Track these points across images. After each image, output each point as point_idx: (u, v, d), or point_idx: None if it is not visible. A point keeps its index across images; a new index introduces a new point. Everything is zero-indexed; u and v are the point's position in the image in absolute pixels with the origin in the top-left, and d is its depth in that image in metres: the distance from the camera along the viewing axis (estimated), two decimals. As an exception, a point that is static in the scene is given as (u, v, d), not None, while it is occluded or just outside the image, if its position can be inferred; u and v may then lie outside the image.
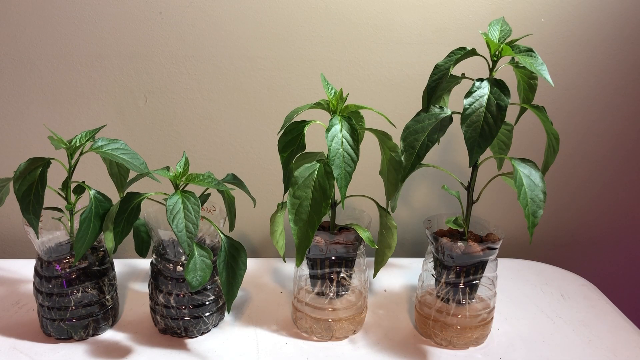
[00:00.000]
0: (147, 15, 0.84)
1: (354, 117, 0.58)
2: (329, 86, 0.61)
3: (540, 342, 0.70)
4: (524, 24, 0.86)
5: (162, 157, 0.92)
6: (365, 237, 0.65)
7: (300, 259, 0.54)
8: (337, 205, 0.67)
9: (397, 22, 0.86)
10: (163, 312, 0.67)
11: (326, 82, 0.61)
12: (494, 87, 0.55)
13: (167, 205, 0.57)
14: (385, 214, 0.67)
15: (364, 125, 0.63)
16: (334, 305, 0.69)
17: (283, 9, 0.84)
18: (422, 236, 0.99)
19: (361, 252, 0.69)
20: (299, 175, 0.54)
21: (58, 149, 0.62)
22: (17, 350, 0.66)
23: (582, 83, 0.91)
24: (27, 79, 0.86)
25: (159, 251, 0.67)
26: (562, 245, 1.03)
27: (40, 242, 0.65)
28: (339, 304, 0.69)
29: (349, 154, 0.55)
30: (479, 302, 0.68)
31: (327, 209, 0.53)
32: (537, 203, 0.56)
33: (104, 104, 0.88)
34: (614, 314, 0.77)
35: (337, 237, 0.66)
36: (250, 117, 0.90)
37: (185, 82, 0.88)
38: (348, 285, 0.70)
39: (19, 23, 0.83)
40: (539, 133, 0.68)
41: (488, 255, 0.64)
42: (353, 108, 0.60)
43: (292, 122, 0.59)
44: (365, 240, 0.65)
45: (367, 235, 0.65)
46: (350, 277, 0.69)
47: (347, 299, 0.70)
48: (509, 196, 0.97)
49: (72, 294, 0.66)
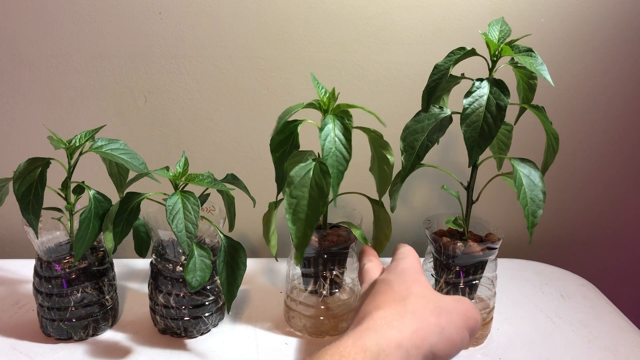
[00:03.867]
0: (147, 15, 0.84)
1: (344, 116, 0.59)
2: (319, 85, 0.61)
3: (540, 342, 0.70)
4: (524, 24, 0.86)
5: (161, 157, 0.92)
6: (357, 234, 0.65)
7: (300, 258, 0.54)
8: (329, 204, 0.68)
9: (397, 22, 0.86)
10: (163, 312, 0.67)
11: (317, 81, 0.61)
12: (494, 87, 0.55)
13: (167, 206, 0.57)
14: (378, 207, 0.67)
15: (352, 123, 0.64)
16: (327, 304, 0.69)
17: (283, 9, 0.84)
18: (422, 236, 0.99)
19: (353, 250, 0.70)
20: (294, 175, 0.54)
21: (57, 149, 0.62)
22: (17, 350, 0.66)
23: (582, 83, 0.91)
24: (27, 79, 0.86)
25: (159, 251, 0.67)
26: (562, 245, 1.03)
27: (39, 242, 0.65)
28: (332, 302, 0.69)
29: (341, 152, 0.55)
30: (478, 302, 0.68)
31: (324, 207, 0.53)
32: (537, 203, 0.56)
33: (104, 104, 0.88)
34: (613, 314, 0.77)
35: (330, 236, 0.66)
36: (250, 117, 0.90)
37: (185, 82, 0.88)
38: (341, 283, 0.70)
39: (19, 23, 0.83)
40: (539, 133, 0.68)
41: (488, 255, 0.64)
42: (344, 107, 0.60)
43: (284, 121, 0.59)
44: (358, 237, 0.65)
45: (360, 233, 0.66)
46: (342, 275, 0.69)
47: (339, 297, 0.70)
48: (509, 196, 0.97)
49: (72, 294, 0.66)
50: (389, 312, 0.43)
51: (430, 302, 0.45)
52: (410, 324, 0.42)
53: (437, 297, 0.46)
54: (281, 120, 0.58)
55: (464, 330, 0.44)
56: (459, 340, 0.43)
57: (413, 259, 0.53)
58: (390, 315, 0.43)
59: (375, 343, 0.40)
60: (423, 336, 0.41)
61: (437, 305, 0.44)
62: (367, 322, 0.43)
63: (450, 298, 0.46)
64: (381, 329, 0.41)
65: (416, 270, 0.51)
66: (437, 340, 0.42)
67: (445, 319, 0.43)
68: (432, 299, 0.45)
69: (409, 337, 0.41)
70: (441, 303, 0.45)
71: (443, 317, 0.43)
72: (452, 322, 0.43)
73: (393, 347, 0.40)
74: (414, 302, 0.44)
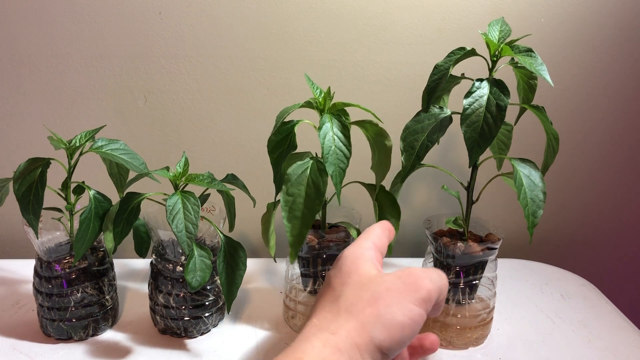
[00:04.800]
0: (147, 15, 0.84)
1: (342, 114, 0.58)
2: (314, 85, 0.61)
3: (540, 342, 0.70)
4: (524, 24, 0.86)
5: (161, 157, 0.92)
6: (355, 234, 0.65)
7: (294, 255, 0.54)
8: (326, 204, 0.68)
9: (397, 22, 0.86)
10: (163, 312, 0.67)
11: (311, 81, 0.61)
12: (494, 87, 0.55)
13: (167, 206, 0.57)
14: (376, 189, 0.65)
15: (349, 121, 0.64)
16: None
17: (283, 9, 0.84)
18: (422, 236, 0.99)
19: None
20: (291, 173, 0.54)
21: (58, 149, 0.62)
22: (17, 350, 0.66)
23: (582, 83, 0.91)
24: (27, 79, 0.86)
25: (159, 251, 0.67)
26: (562, 245, 1.03)
27: (40, 243, 0.65)
28: None
29: (341, 150, 0.55)
30: (478, 302, 0.68)
31: (320, 206, 0.53)
32: (537, 203, 0.56)
33: (104, 104, 0.88)
34: (613, 314, 0.77)
35: (329, 235, 0.66)
36: (250, 117, 0.90)
37: (185, 82, 0.88)
38: None
39: (19, 23, 0.83)
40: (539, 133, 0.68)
41: (488, 255, 0.64)
42: (340, 106, 0.60)
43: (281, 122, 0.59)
44: (355, 237, 0.65)
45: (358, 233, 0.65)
46: None
47: None
48: (509, 196, 0.97)
49: (72, 294, 0.66)
50: (324, 316, 0.40)
51: (366, 291, 0.40)
52: (344, 323, 0.38)
53: (376, 281, 0.41)
54: (280, 121, 0.58)
55: (411, 308, 0.39)
56: (408, 320, 0.39)
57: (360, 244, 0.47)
58: (325, 320, 0.39)
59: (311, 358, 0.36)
60: (361, 332, 0.38)
61: (374, 291, 0.40)
62: (304, 331, 0.39)
63: (393, 275, 0.42)
64: (316, 338, 0.38)
65: (357, 256, 0.45)
66: (379, 331, 0.38)
67: (384, 303, 0.39)
68: (368, 286, 0.41)
69: (346, 338, 0.37)
70: (379, 287, 0.40)
71: (381, 303, 0.39)
72: (393, 305, 0.39)
73: (329, 353, 0.36)
74: (348, 296, 0.40)
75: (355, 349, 0.37)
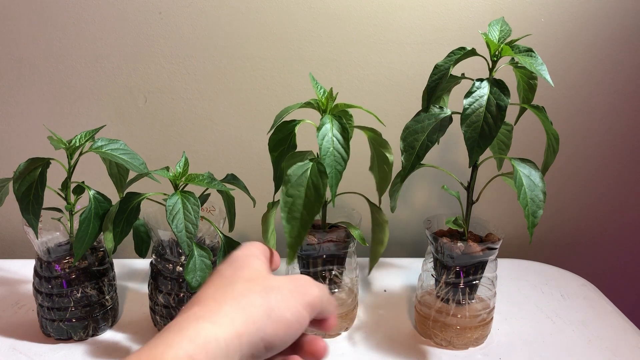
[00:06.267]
0: (147, 15, 0.84)
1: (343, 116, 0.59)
2: (318, 85, 0.61)
3: (540, 342, 0.70)
4: (524, 24, 0.86)
5: (161, 157, 0.92)
6: (356, 234, 0.65)
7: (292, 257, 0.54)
8: (327, 204, 0.68)
9: (397, 22, 0.86)
10: (163, 312, 0.67)
11: (315, 81, 0.61)
12: (494, 87, 0.55)
13: (167, 206, 0.57)
14: (376, 209, 0.67)
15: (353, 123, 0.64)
16: None
17: (283, 9, 0.84)
18: (422, 236, 0.99)
19: (352, 250, 0.70)
20: (292, 174, 0.53)
21: (58, 149, 0.62)
22: (17, 350, 0.66)
23: (582, 83, 0.91)
24: (27, 79, 0.86)
25: (159, 251, 0.67)
26: (562, 245, 1.03)
27: (39, 243, 0.65)
28: None
29: (339, 152, 0.55)
30: (478, 302, 0.68)
31: (319, 208, 0.53)
32: (537, 203, 0.56)
33: (104, 104, 0.88)
34: (613, 314, 0.77)
35: (329, 235, 0.66)
36: (250, 117, 0.90)
37: (185, 82, 0.88)
38: (340, 283, 0.70)
39: (19, 23, 0.83)
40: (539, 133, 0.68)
41: (488, 255, 0.64)
42: (342, 107, 0.60)
43: (282, 121, 0.59)
44: (356, 237, 0.65)
45: (358, 233, 0.65)
46: (341, 275, 0.69)
47: (338, 297, 0.70)
48: (509, 196, 0.97)
49: (72, 294, 0.66)
50: (207, 304, 0.38)
51: (257, 284, 0.40)
52: (229, 311, 0.37)
53: (268, 278, 0.41)
54: (279, 120, 0.58)
55: (299, 309, 0.39)
56: (294, 321, 0.39)
57: (250, 247, 0.46)
58: (207, 308, 0.37)
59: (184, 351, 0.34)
60: (247, 322, 0.36)
61: (266, 285, 0.40)
62: (181, 321, 0.37)
63: (283, 277, 0.41)
64: (192, 327, 0.35)
65: (248, 256, 0.44)
66: (266, 323, 0.37)
67: (275, 297, 0.39)
68: (260, 280, 0.40)
69: (227, 326, 0.36)
70: (271, 283, 0.40)
71: (272, 297, 0.39)
72: (284, 301, 0.39)
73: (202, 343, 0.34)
74: (239, 287, 0.39)
75: (235, 339, 0.36)
